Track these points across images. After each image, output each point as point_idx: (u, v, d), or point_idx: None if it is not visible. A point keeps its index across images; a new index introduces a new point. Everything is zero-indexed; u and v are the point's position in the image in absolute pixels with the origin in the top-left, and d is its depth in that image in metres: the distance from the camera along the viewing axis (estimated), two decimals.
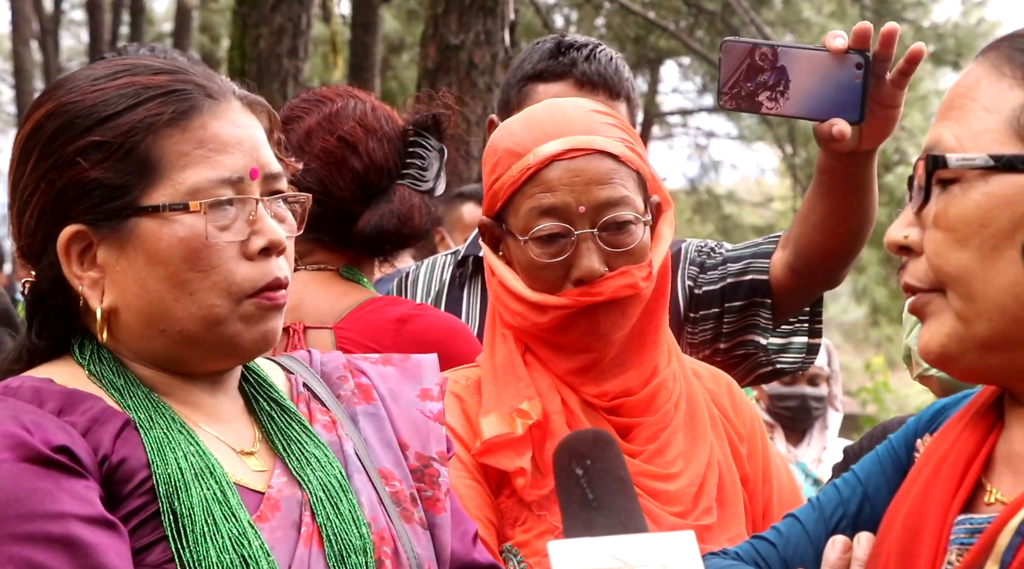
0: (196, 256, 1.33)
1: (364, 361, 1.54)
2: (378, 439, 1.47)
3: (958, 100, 1.22)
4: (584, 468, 1.19)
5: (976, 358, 1.22)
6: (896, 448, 1.39)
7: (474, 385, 1.89)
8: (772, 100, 1.84)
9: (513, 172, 1.83)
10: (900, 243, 1.26)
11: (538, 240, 1.82)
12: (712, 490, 1.87)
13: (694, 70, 16.74)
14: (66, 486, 1.24)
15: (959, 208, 1.19)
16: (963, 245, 1.19)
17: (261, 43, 7.50)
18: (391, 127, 2.26)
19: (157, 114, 1.34)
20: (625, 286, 1.81)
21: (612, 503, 1.16)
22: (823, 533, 1.36)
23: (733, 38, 1.89)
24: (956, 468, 1.23)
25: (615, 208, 1.81)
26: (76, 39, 23.58)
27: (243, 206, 1.36)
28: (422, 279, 2.54)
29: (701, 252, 2.37)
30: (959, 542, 1.20)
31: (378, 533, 1.39)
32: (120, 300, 1.36)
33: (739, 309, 2.28)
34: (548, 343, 1.86)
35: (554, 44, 2.45)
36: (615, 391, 1.86)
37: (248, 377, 1.46)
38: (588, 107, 1.91)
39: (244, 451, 1.40)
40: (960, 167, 1.19)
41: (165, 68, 1.39)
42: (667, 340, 1.94)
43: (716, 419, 1.95)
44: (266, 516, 1.35)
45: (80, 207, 1.34)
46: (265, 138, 1.41)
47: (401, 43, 14.47)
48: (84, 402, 1.32)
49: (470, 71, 6.26)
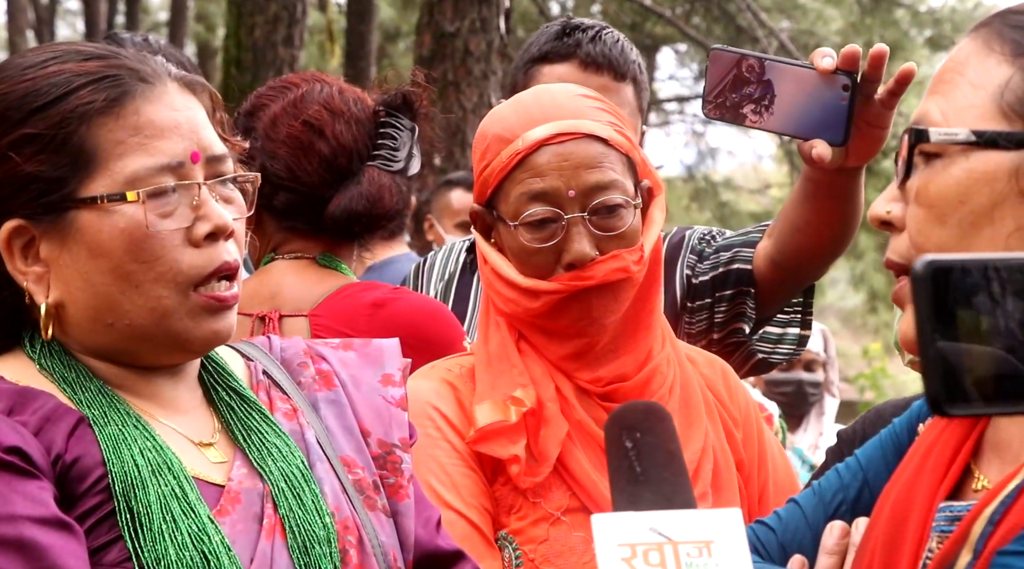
0: (139, 247, 1.30)
1: (324, 346, 1.52)
2: (340, 426, 1.45)
3: (947, 74, 1.20)
4: (633, 441, 1.16)
5: None
6: (899, 432, 1.38)
7: (468, 373, 1.89)
8: (756, 114, 1.83)
9: (502, 158, 1.83)
10: (882, 217, 1.25)
11: (528, 225, 1.81)
12: (707, 475, 1.87)
13: (691, 57, 16.71)
14: (18, 488, 1.21)
15: (939, 183, 1.17)
16: (942, 221, 1.17)
17: (256, 32, 7.48)
18: (359, 109, 2.22)
19: (89, 102, 1.30)
20: (616, 269, 1.81)
21: (660, 477, 1.14)
22: (822, 518, 1.36)
23: (721, 47, 1.88)
24: (944, 455, 1.23)
25: (605, 192, 1.81)
26: (72, 29, 23.50)
27: (186, 191, 1.32)
28: (438, 265, 2.55)
29: (702, 241, 2.37)
30: (940, 530, 1.20)
31: (342, 522, 1.36)
32: (66, 295, 1.33)
33: (729, 299, 2.27)
34: (541, 329, 1.86)
35: (560, 26, 2.45)
36: (609, 377, 1.86)
37: (207, 366, 1.43)
38: (577, 92, 1.90)
39: (203, 443, 1.37)
40: (942, 142, 1.17)
41: (96, 53, 1.35)
42: (661, 325, 1.94)
43: (711, 405, 1.95)
44: (226, 510, 1.32)
45: (18, 201, 1.31)
46: (206, 119, 1.37)
47: (397, 31, 14.43)
48: (35, 400, 1.29)
49: (466, 58, 6.24)
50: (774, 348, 2.33)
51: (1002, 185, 1.15)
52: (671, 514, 1.09)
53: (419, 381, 1.86)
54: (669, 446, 1.17)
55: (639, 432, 1.17)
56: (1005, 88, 1.15)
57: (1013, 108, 1.14)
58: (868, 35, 12.12)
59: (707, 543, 1.07)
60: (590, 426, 1.84)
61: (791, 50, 11.16)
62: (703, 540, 1.07)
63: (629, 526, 1.07)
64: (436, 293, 2.48)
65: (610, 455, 1.18)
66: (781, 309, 2.32)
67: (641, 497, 1.12)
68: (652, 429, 1.18)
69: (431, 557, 1.46)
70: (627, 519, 1.08)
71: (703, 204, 16.22)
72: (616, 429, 1.18)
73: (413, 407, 1.80)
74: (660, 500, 1.12)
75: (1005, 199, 1.15)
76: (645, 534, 1.07)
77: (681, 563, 1.06)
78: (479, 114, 6.21)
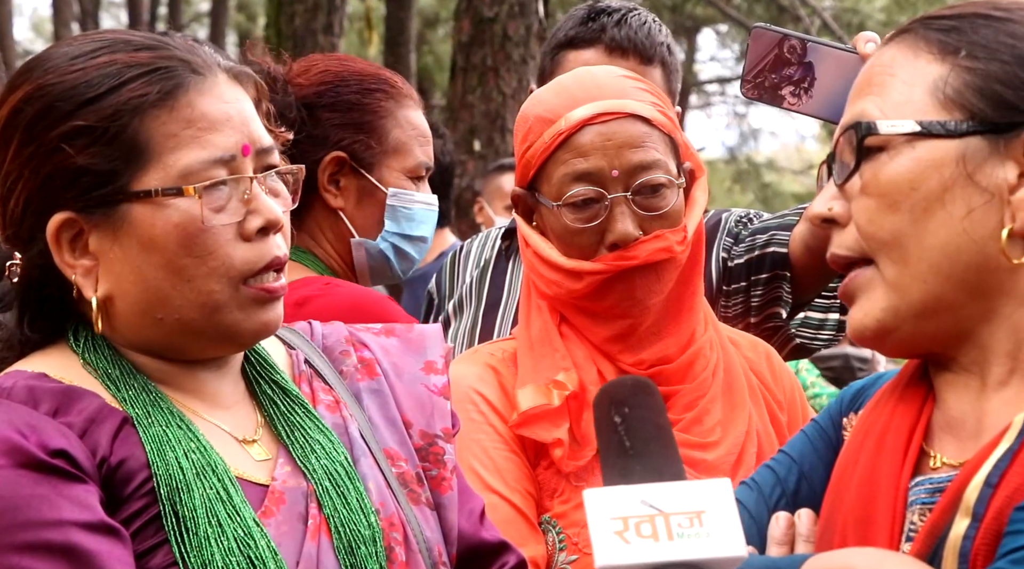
0: (192, 241, 1.29)
1: (366, 332, 1.50)
2: (382, 417, 1.43)
3: (876, 77, 1.29)
4: (622, 415, 1.17)
5: (911, 328, 1.26)
6: (824, 427, 1.44)
7: (510, 357, 1.89)
8: (795, 96, 1.81)
9: (545, 139, 1.82)
10: (825, 216, 1.30)
11: (571, 206, 1.81)
12: (751, 459, 1.86)
13: (732, 37, 16.58)
14: (65, 492, 1.20)
15: (890, 173, 1.24)
16: (895, 209, 1.24)
17: (296, 20, 7.52)
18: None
19: (142, 95, 1.28)
20: (660, 249, 1.80)
21: (649, 451, 1.15)
22: (764, 511, 1.40)
23: (764, 25, 1.85)
24: (900, 437, 1.29)
25: (648, 171, 1.80)
26: (116, 20, 23.74)
27: (237, 185, 1.31)
28: (474, 253, 2.55)
29: (739, 223, 2.35)
30: (920, 502, 1.25)
31: (387, 519, 1.35)
32: (115, 288, 1.31)
33: (765, 282, 2.26)
34: (584, 311, 1.86)
35: (586, 10, 2.43)
36: (652, 359, 1.86)
37: (250, 358, 1.42)
38: (618, 73, 1.89)
39: (246, 440, 1.36)
40: (889, 134, 1.25)
41: (146, 43, 1.33)
42: (703, 308, 1.93)
43: (755, 387, 1.94)
44: (271, 511, 1.31)
45: (68, 194, 1.29)
46: (254, 111, 1.36)
47: (436, 17, 14.44)
48: (80, 400, 1.28)
49: (504, 43, 6.23)
50: (816, 334, 2.31)
51: (950, 170, 1.23)
52: (662, 486, 1.10)
53: (462, 366, 1.86)
54: (658, 420, 1.18)
55: (628, 407, 1.18)
56: (941, 83, 1.24)
57: (952, 100, 1.24)
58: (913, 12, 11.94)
59: (698, 513, 1.09)
60: None
61: (834, 29, 11.03)
62: (694, 510, 1.09)
63: (621, 499, 1.09)
64: (471, 280, 2.48)
65: (599, 430, 1.19)
66: (819, 294, 2.30)
67: (632, 471, 1.14)
68: (641, 403, 1.19)
69: (475, 549, 1.44)
70: (618, 493, 1.09)
71: (745, 185, 16.11)
72: (605, 404, 1.19)
73: (456, 392, 1.80)
74: (650, 473, 1.13)
75: (954, 183, 1.23)
76: (637, 507, 1.08)
77: (673, 533, 1.07)
78: (519, 99, 6.20)
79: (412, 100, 2.20)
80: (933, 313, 1.25)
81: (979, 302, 1.24)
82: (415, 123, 2.18)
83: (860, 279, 1.28)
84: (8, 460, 1.20)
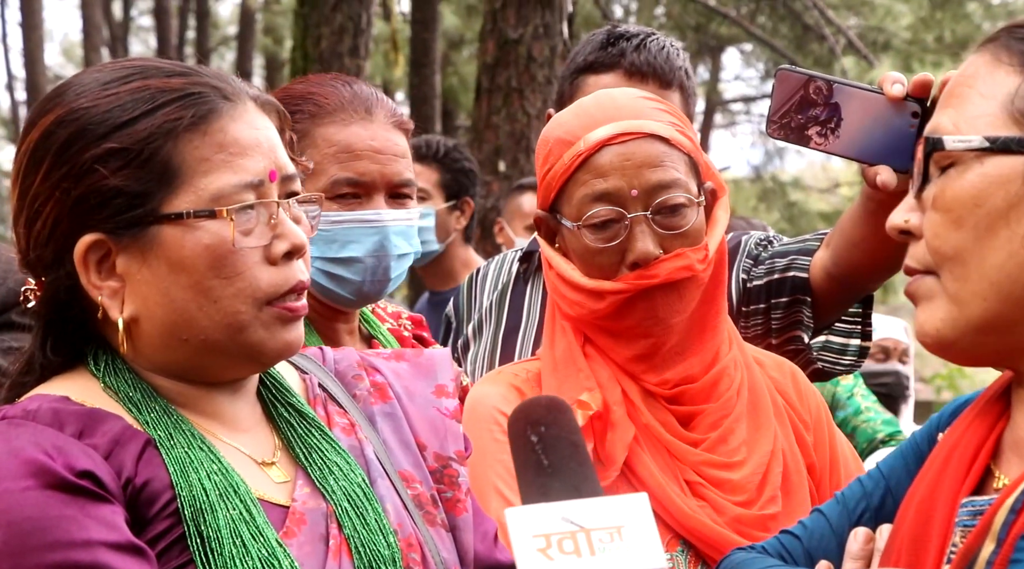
0: (221, 263, 1.31)
1: (377, 358, 1.51)
2: (397, 440, 1.44)
3: (957, 89, 1.27)
4: (539, 434, 1.20)
5: (972, 341, 1.25)
6: (919, 443, 1.41)
7: (534, 378, 1.89)
8: (822, 136, 1.81)
9: (564, 160, 1.83)
10: (901, 227, 1.30)
11: (592, 226, 1.82)
12: (777, 479, 1.85)
13: (756, 56, 16.56)
14: (92, 512, 1.21)
15: (955, 189, 1.23)
16: (959, 225, 1.23)
17: (323, 43, 7.58)
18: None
19: (176, 119, 1.31)
20: (681, 268, 1.81)
21: (566, 468, 1.18)
22: (846, 526, 1.39)
23: (789, 67, 1.86)
24: (965, 456, 1.27)
25: (667, 190, 1.80)
26: (144, 45, 24.01)
27: (264, 210, 1.33)
28: (491, 275, 2.55)
29: (759, 245, 2.36)
30: (963, 524, 1.24)
31: (405, 540, 1.36)
32: (142, 310, 1.32)
33: (785, 306, 2.26)
34: (607, 331, 1.86)
35: (605, 35, 2.45)
36: (676, 379, 1.86)
37: (265, 382, 1.43)
38: (637, 94, 1.90)
39: (265, 462, 1.38)
40: (956, 149, 1.23)
41: (177, 70, 1.36)
42: (727, 327, 1.93)
43: (780, 407, 1.93)
44: (293, 531, 1.32)
45: (99, 216, 1.31)
46: (279, 138, 1.38)
47: (461, 38, 14.50)
48: (104, 422, 1.29)
49: (529, 65, 6.26)
50: (838, 359, 2.31)
51: (1016, 187, 1.20)
52: (581, 502, 1.13)
53: (486, 386, 1.87)
54: (572, 438, 1.21)
55: (543, 426, 1.20)
56: (1015, 95, 1.21)
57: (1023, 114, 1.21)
58: (938, 31, 11.89)
59: (617, 528, 1.12)
60: (657, 430, 1.84)
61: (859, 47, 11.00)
62: (614, 525, 1.12)
63: (542, 517, 1.11)
64: (490, 303, 2.48)
65: (516, 450, 1.21)
66: (839, 318, 2.30)
67: (550, 488, 1.16)
68: (555, 422, 1.21)
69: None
70: (539, 510, 1.12)
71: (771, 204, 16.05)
72: (520, 424, 1.22)
73: (480, 412, 1.81)
74: (569, 490, 1.16)
75: (1020, 201, 1.20)
76: (558, 524, 1.11)
77: (594, 548, 1.10)
78: (543, 120, 6.22)
79: (343, 114, 2.06)
80: (992, 329, 1.23)
81: None
82: (334, 140, 2.04)
83: (922, 286, 1.27)
84: (36, 481, 1.21)
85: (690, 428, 1.86)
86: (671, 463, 1.83)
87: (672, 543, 1.79)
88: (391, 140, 2.08)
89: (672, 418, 1.86)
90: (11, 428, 1.27)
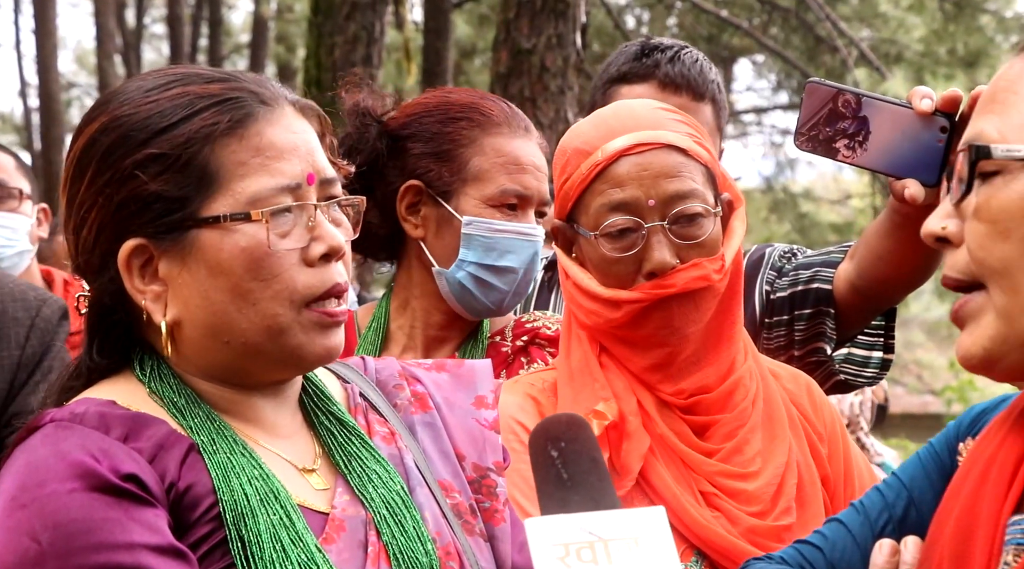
0: (258, 265, 1.32)
1: (418, 367, 1.53)
2: (436, 450, 1.45)
3: (1000, 94, 1.23)
4: (559, 450, 1.23)
5: (1019, 356, 1.21)
6: (939, 452, 1.39)
7: (550, 387, 1.90)
8: (850, 149, 1.81)
9: (582, 170, 1.84)
10: (938, 234, 1.26)
11: (608, 236, 1.82)
12: (791, 490, 1.85)
13: (768, 67, 16.55)
14: (136, 515, 1.23)
15: (1002, 199, 1.19)
16: (1006, 237, 1.19)
17: (336, 52, 7.60)
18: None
19: (214, 124, 1.33)
20: (697, 278, 1.81)
21: (585, 482, 1.21)
22: (869, 537, 1.37)
23: (818, 80, 1.87)
24: (1005, 471, 1.24)
25: (684, 200, 1.81)
26: (157, 52, 24.11)
27: (301, 212, 1.34)
28: None
29: (783, 257, 2.36)
30: (1016, 542, 1.21)
31: (443, 548, 1.37)
32: (183, 313, 1.34)
33: (808, 317, 2.26)
34: (623, 341, 1.87)
35: (639, 46, 2.47)
36: (691, 388, 1.86)
37: (307, 389, 1.45)
38: (655, 105, 1.91)
39: (306, 469, 1.39)
40: (1004, 158, 1.19)
41: (217, 76, 1.38)
42: (743, 338, 1.93)
43: (795, 419, 1.94)
44: (332, 538, 1.33)
45: (140, 221, 1.33)
46: (319, 142, 1.39)
47: (473, 48, 14.53)
48: (149, 427, 1.31)
49: (542, 74, 6.27)
50: (859, 371, 2.31)
51: None
52: (600, 514, 1.16)
53: (503, 396, 1.87)
54: (592, 453, 1.24)
55: (563, 441, 1.23)
56: None
57: None
58: (951, 43, 11.87)
59: (635, 539, 1.15)
60: (672, 440, 1.84)
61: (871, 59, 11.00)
62: (631, 536, 1.15)
63: (561, 528, 1.15)
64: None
65: (536, 465, 1.24)
66: (862, 331, 2.30)
67: (569, 501, 1.19)
68: (575, 438, 1.24)
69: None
70: (559, 521, 1.15)
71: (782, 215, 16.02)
72: (541, 440, 1.25)
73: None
74: (587, 503, 1.19)
75: None
76: (577, 534, 1.14)
77: (612, 558, 1.13)
78: (556, 130, 6.23)
79: (508, 128, 2.16)
80: None
81: None
82: (503, 151, 2.14)
83: (972, 305, 1.23)
84: (82, 483, 1.23)
85: (705, 438, 1.86)
86: (686, 473, 1.83)
87: (686, 553, 1.80)
88: (542, 159, 2.19)
89: (687, 428, 1.86)
90: (58, 431, 1.29)
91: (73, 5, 33.15)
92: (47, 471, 1.24)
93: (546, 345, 2.15)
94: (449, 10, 10.89)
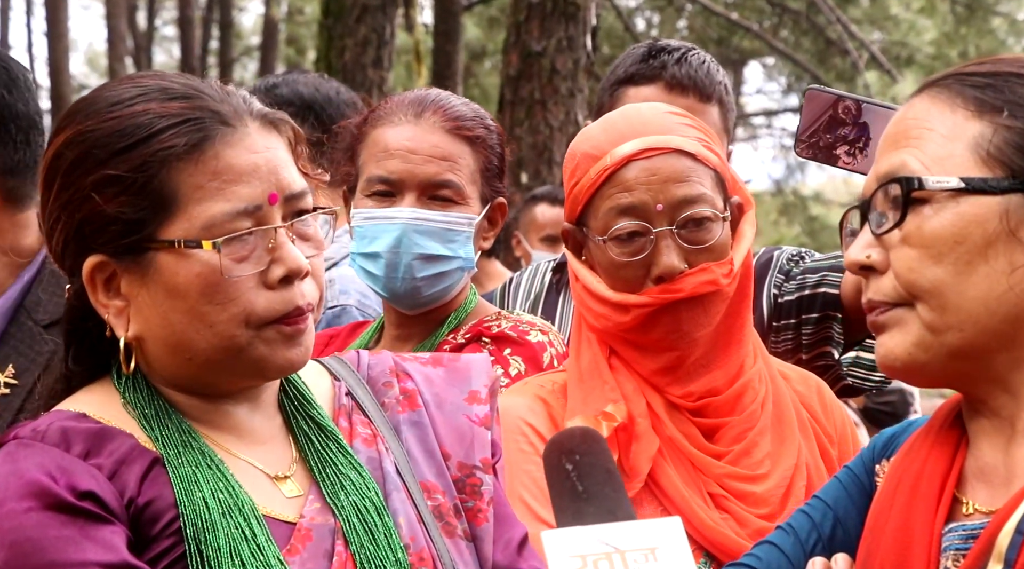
0: (213, 291, 1.31)
1: (413, 362, 1.52)
2: (421, 449, 1.45)
3: (913, 130, 1.32)
4: (573, 462, 1.24)
5: (942, 365, 1.30)
6: (857, 474, 1.47)
7: (560, 389, 1.90)
8: (850, 155, 1.81)
9: (591, 174, 1.85)
10: (862, 263, 1.34)
11: (617, 240, 1.83)
12: (800, 492, 1.85)
13: (778, 70, 16.55)
14: (91, 533, 1.24)
15: (934, 226, 1.29)
16: (938, 260, 1.28)
17: (346, 54, 7.61)
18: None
19: (170, 147, 1.31)
20: (706, 282, 1.82)
21: (601, 494, 1.22)
22: (801, 556, 1.42)
23: (818, 87, 1.87)
24: (933, 484, 1.32)
25: (693, 205, 1.82)
26: (168, 54, 24.19)
27: (263, 234, 1.33)
28: (524, 285, 2.58)
29: (790, 261, 2.36)
30: (954, 549, 1.28)
31: (417, 554, 1.37)
32: (145, 330, 1.35)
33: (816, 321, 2.26)
34: (632, 344, 1.87)
35: (646, 48, 2.47)
36: (700, 391, 1.86)
37: (288, 391, 1.44)
38: (664, 109, 1.92)
39: (279, 476, 1.39)
40: (935, 189, 1.29)
41: (180, 92, 1.36)
42: (752, 341, 1.93)
43: (805, 421, 1.94)
44: (296, 548, 1.33)
45: (101, 239, 1.34)
46: (287, 158, 1.38)
47: (483, 50, 14.56)
48: (112, 441, 1.32)
49: (552, 77, 6.28)
50: (868, 375, 2.31)
51: (993, 226, 1.27)
52: (617, 526, 1.17)
53: (512, 397, 1.88)
54: (607, 465, 1.25)
55: (578, 454, 1.24)
56: (987, 141, 1.29)
57: (994, 157, 1.28)
58: (963, 46, 11.85)
59: (652, 549, 1.15)
60: (681, 442, 1.84)
61: (882, 62, 10.98)
62: (648, 547, 1.15)
63: (579, 539, 1.15)
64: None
65: (551, 477, 1.25)
66: (870, 335, 2.30)
67: (585, 513, 1.20)
68: (590, 451, 1.25)
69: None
70: (576, 533, 1.16)
71: (792, 218, 16.01)
72: (556, 453, 1.26)
73: (506, 423, 1.81)
74: (603, 514, 1.19)
75: (997, 239, 1.27)
76: (594, 545, 1.15)
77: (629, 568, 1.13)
78: (566, 132, 6.24)
79: (391, 118, 2.12)
80: (965, 357, 1.29)
81: (1013, 351, 1.28)
82: (377, 141, 2.12)
83: (895, 314, 1.32)
84: (37, 502, 1.24)
85: (714, 441, 1.86)
86: (695, 475, 1.83)
87: (695, 555, 1.80)
88: (431, 141, 2.11)
89: (696, 430, 1.86)
90: (19, 449, 1.30)
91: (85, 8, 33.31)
92: (4, 490, 1.25)
93: (488, 343, 2.12)
94: (459, 13, 10.91)
